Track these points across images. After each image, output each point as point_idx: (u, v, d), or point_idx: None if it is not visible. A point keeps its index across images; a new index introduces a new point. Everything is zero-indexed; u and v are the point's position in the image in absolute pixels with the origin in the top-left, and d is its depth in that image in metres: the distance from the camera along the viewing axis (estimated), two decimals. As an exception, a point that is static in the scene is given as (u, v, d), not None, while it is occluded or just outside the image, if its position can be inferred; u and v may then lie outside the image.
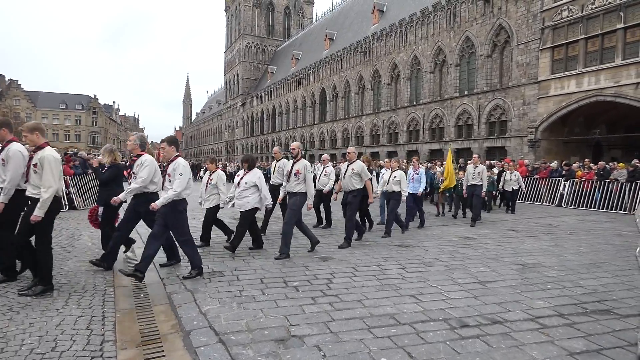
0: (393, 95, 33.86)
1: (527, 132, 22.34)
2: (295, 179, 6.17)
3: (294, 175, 6.16)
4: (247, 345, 3.12)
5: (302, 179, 6.13)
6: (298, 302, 4.10)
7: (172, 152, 4.97)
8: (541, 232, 9.06)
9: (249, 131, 66.70)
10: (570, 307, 4.12)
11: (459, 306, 4.09)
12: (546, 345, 3.24)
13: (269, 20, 71.30)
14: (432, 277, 5.17)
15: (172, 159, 4.93)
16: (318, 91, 45.09)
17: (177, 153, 5.00)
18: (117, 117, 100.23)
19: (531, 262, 6.08)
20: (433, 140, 29.45)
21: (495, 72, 25.14)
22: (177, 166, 4.83)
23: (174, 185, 4.73)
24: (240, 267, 5.47)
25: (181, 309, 3.88)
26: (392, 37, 33.20)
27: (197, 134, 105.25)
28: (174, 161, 4.90)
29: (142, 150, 5.32)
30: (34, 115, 75.73)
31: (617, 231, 9.40)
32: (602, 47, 19.14)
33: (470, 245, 7.41)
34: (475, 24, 25.79)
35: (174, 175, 4.80)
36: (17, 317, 3.58)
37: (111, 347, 3.08)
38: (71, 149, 56.65)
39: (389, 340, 3.27)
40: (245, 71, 70.06)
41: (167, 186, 4.86)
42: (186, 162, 5.02)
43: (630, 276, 5.37)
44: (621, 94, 18.23)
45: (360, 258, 6.14)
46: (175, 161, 4.89)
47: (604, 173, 14.08)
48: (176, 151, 5.01)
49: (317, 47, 50.54)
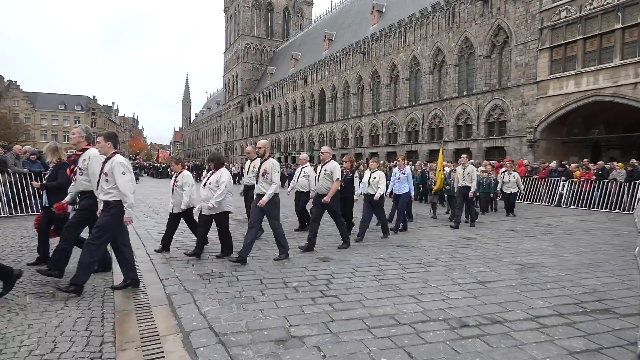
0: (392, 96, 33.89)
1: (526, 132, 22.38)
2: (263, 180, 5.84)
3: (262, 176, 5.84)
4: (247, 345, 3.12)
5: (270, 179, 5.82)
6: (298, 303, 4.10)
7: (109, 148, 4.48)
8: (540, 232, 9.07)
9: (249, 132, 66.72)
10: (570, 307, 4.12)
11: (459, 306, 4.09)
12: (546, 344, 3.24)
13: (268, 20, 71.37)
14: (432, 277, 5.17)
15: (109, 156, 4.44)
16: (317, 92, 45.13)
17: (114, 150, 4.52)
18: (116, 118, 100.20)
19: (531, 262, 6.09)
20: (432, 140, 29.47)
21: (494, 72, 25.19)
22: (114, 165, 4.34)
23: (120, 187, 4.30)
24: (240, 267, 5.46)
25: (181, 309, 3.87)
26: (391, 37, 33.24)
27: (197, 134, 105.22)
28: (111, 159, 4.40)
29: (88, 143, 4.83)
30: (33, 117, 75.76)
31: (616, 231, 9.41)
32: (600, 47, 19.19)
33: (470, 245, 7.42)
34: (474, 24, 25.84)
35: (113, 175, 4.32)
36: (15, 318, 3.57)
37: (110, 348, 3.07)
38: (70, 150, 56.33)
39: (388, 340, 3.26)
40: (245, 72, 70.11)
41: (105, 187, 4.37)
42: (125, 159, 4.55)
43: (630, 275, 5.38)
44: (620, 94, 18.27)
45: (359, 258, 6.13)
46: (112, 159, 4.40)
47: (602, 173, 14.10)
48: (114, 147, 4.52)
49: (316, 47, 50.58)
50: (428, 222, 10.35)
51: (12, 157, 10.43)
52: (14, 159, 10.40)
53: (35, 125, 75.67)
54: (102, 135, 4.52)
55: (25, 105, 75.42)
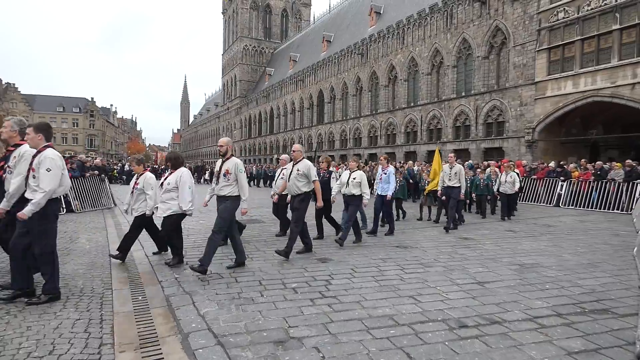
0: (390, 97, 33.94)
1: (525, 132, 22.42)
2: (224, 180, 5.26)
3: (223, 176, 5.27)
4: (246, 347, 3.12)
5: (233, 180, 5.25)
6: (297, 304, 4.10)
7: (39, 141, 4.03)
8: (539, 233, 9.08)
9: (247, 133, 66.73)
10: (568, 307, 4.13)
11: (458, 307, 4.09)
12: (545, 345, 3.24)
13: (267, 22, 71.44)
14: (431, 277, 5.17)
15: (40, 149, 3.99)
16: (316, 93, 45.17)
17: (46, 143, 4.07)
18: (114, 120, 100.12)
19: (529, 263, 6.09)
20: (431, 141, 29.51)
21: (492, 73, 25.24)
22: (43, 159, 3.91)
23: (41, 184, 3.86)
24: (239, 269, 5.46)
25: (179, 311, 3.87)
26: (389, 38, 33.30)
27: (195, 136, 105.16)
28: (41, 153, 3.97)
29: (21, 139, 4.26)
30: (31, 119, 75.59)
31: (615, 231, 9.43)
32: (598, 48, 19.26)
33: (469, 245, 7.42)
34: (472, 25, 25.90)
35: (39, 170, 3.89)
36: (14, 320, 3.56)
37: (109, 350, 3.07)
38: (68, 152, 56.18)
39: (387, 341, 3.26)
40: (243, 73, 70.14)
41: (32, 184, 3.94)
42: (57, 154, 4.10)
43: (628, 276, 5.38)
44: (617, 94, 18.33)
45: (358, 259, 6.13)
46: (42, 153, 3.97)
47: (601, 173, 14.13)
48: (45, 141, 4.07)
49: (314, 49, 50.65)
50: (426, 223, 10.35)
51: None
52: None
53: (33, 127, 75.50)
54: (32, 126, 4.08)
55: (23, 107, 75.33)
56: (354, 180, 7.08)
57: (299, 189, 6.20)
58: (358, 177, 7.08)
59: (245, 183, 5.35)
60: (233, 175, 5.26)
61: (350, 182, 7.10)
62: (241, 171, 5.33)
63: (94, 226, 9.13)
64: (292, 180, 6.24)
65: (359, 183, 7.05)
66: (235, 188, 5.30)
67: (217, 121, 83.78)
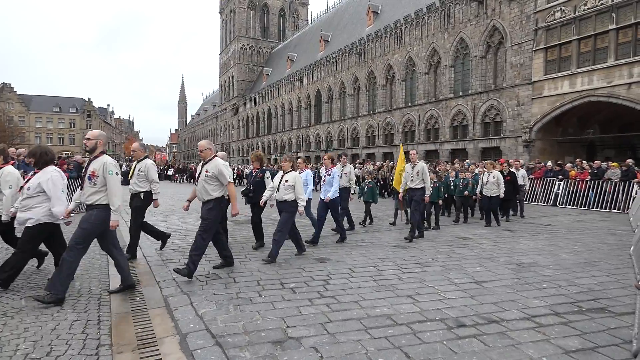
0: (388, 97, 33.96)
1: (522, 132, 22.48)
2: (89, 185, 4.26)
3: (88, 180, 4.27)
4: (244, 347, 3.12)
5: (101, 184, 4.24)
6: (295, 304, 4.10)
7: None
8: (536, 232, 9.11)
9: (245, 133, 66.64)
10: (565, 306, 4.14)
11: (456, 306, 4.10)
12: (542, 343, 3.25)
13: (264, 22, 71.34)
14: (429, 277, 5.19)
15: None
16: (313, 93, 45.15)
17: None
18: (111, 120, 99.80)
19: (527, 262, 6.11)
20: (429, 141, 29.55)
21: (489, 73, 25.29)
22: None
23: None
24: (237, 269, 5.45)
25: (177, 312, 3.86)
26: (387, 38, 33.32)
27: (193, 136, 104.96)
28: None
29: None
30: (27, 119, 75.34)
31: (611, 230, 9.47)
32: (594, 47, 19.32)
33: (466, 245, 7.44)
34: (469, 25, 25.94)
35: None
36: (11, 322, 3.55)
37: (107, 351, 3.06)
38: (65, 152, 55.92)
39: (386, 340, 3.27)
40: (240, 73, 70.02)
41: None
42: None
43: (625, 274, 5.41)
44: (614, 94, 18.40)
45: (356, 259, 6.14)
46: None
47: (598, 172, 14.18)
48: None
49: (312, 48, 50.61)
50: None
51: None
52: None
53: (29, 128, 75.26)
54: None
55: (19, 107, 74.99)
56: (285, 183, 6.01)
57: (208, 194, 5.07)
58: (291, 179, 6.01)
59: (116, 189, 4.26)
60: (101, 179, 4.23)
61: (282, 185, 6.02)
62: (111, 173, 4.25)
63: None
64: (201, 184, 5.11)
65: (292, 187, 5.98)
66: (104, 195, 4.26)
67: (215, 121, 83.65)
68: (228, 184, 5.13)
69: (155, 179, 6.10)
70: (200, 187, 5.13)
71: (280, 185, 6.04)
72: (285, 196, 6.00)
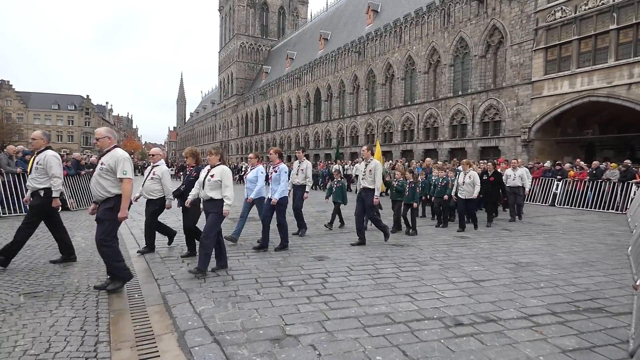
0: (387, 95, 33.96)
1: (521, 132, 22.51)
2: None
3: None
4: (242, 344, 3.12)
5: None
6: (293, 302, 4.10)
7: None
8: (534, 232, 9.12)
9: (244, 131, 66.58)
10: (563, 306, 4.16)
11: (454, 305, 4.11)
12: (539, 343, 3.27)
13: (263, 20, 71.22)
14: (427, 276, 5.20)
15: None
16: (313, 91, 45.12)
17: None
18: (110, 118, 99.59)
19: (525, 261, 6.13)
20: (427, 140, 29.56)
21: (489, 72, 25.30)
22: None
23: None
24: (235, 267, 5.46)
25: (176, 309, 3.87)
26: (387, 37, 33.30)
27: (192, 134, 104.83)
28: None
29: None
30: (25, 116, 75.18)
31: (609, 230, 9.49)
32: (595, 47, 19.33)
33: (465, 244, 7.45)
34: (469, 24, 25.94)
35: None
36: (10, 318, 3.55)
37: (105, 348, 3.06)
38: (64, 149, 55.79)
39: (383, 339, 3.28)
40: (240, 71, 69.94)
41: None
42: None
43: (622, 275, 5.43)
44: (614, 94, 18.42)
45: (355, 257, 6.15)
46: None
47: (596, 173, 14.21)
48: None
49: (311, 47, 50.56)
50: (422, 221, 10.34)
51: (5, 157, 10.36)
52: (7, 159, 10.33)
53: (28, 125, 75.01)
54: None
55: (18, 105, 74.80)
56: (211, 178, 5.09)
57: (105, 190, 4.40)
58: (218, 174, 5.08)
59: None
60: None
61: (207, 181, 5.11)
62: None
63: (90, 224, 9.07)
64: (95, 179, 4.47)
65: (218, 183, 5.06)
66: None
67: (214, 119, 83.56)
68: (123, 181, 4.39)
69: (56, 173, 5.21)
70: (94, 182, 4.44)
71: (205, 181, 5.13)
72: (210, 193, 5.08)
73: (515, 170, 11.32)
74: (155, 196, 6.20)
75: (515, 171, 11.28)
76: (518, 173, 11.24)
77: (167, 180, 6.23)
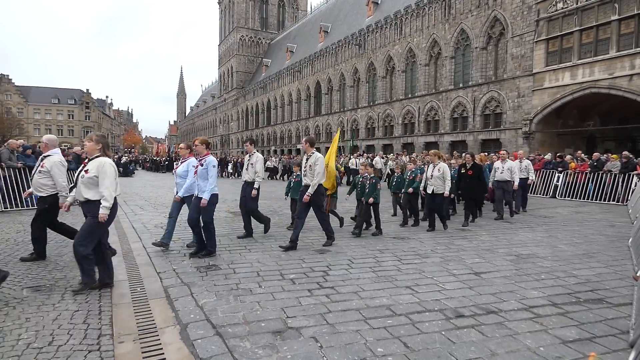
0: (388, 88, 33.83)
1: (522, 124, 22.44)
2: None
3: None
4: (244, 337, 3.14)
5: None
6: (295, 295, 4.12)
7: None
8: (535, 224, 9.13)
9: (244, 125, 66.48)
10: (563, 297, 4.17)
11: (454, 297, 4.12)
12: (540, 334, 3.28)
13: (263, 12, 70.75)
14: (428, 268, 5.21)
15: None
16: (313, 84, 44.96)
17: None
18: (110, 112, 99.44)
19: (525, 253, 6.14)
20: (428, 132, 29.50)
21: (490, 64, 25.17)
22: None
23: None
24: (237, 260, 5.48)
25: (178, 302, 3.89)
26: (387, 29, 33.09)
27: (192, 128, 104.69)
28: None
29: None
30: (25, 111, 75.06)
31: (610, 222, 9.49)
32: (596, 38, 19.21)
33: (465, 236, 7.46)
34: (470, 15, 25.75)
35: None
36: (13, 312, 3.57)
37: (108, 341, 3.08)
38: (64, 144, 55.71)
39: (385, 331, 3.29)
40: (240, 64, 69.64)
41: None
42: None
43: (623, 266, 5.44)
44: (615, 85, 18.33)
45: (356, 250, 6.16)
46: None
47: (597, 164, 14.19)
48: None
49: (311, 39, 50.28)
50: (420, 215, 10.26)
51: (6, 151, 10.36)
52: (9, 154, 10.34)
53: (28, 119, 75.01)
54: None
55: (17, 99, 74.63)
56: (85, 174, 4.19)
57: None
58: (93, 168, 4.18)
59: None
60: None
61: (80, 178, 4.23)
62: None
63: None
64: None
65: (94, 180, 4.16)
66: None
67: (214, 113, 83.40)
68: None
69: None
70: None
71: (79, 178, 4.23)
72: (86, 194, 4.18)
73: (504, 162, 9.95)
74: (45, 193, 5.22)
75: (504, 164, 9.92)
76: (507, 166, 9.87)
77: (57, 173, 5.19)
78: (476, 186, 9.06)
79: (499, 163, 10.08)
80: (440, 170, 7.90)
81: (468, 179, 8.97)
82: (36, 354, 2.85)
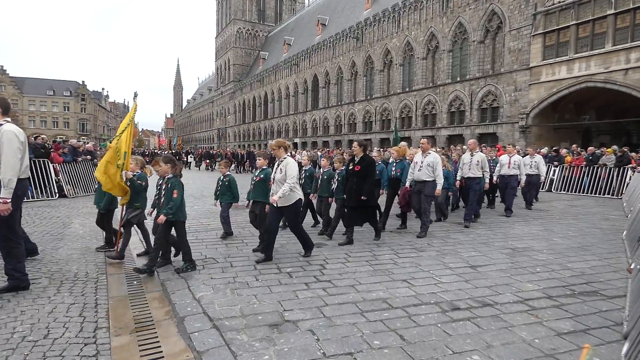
0: (385, 82, 33.73)
1: (519, 118, 22.46)
2: None
3: None
4: (241, 330, 3.15)
5: None
6: (292, 288, 4.13)
7: None
8: (531, 217, 9.17)
9: (241, 118, 66.21)
10: (558, 289, 4.20)
11: (451, 290, 4.14)
12: (535, 326, 3.31)
13: (260, 5, 70.19)
14: (424, 262, 5.23)
15: None
16: (310, 78, 44.75)
17: None
18: (106, 104, 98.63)
19: (521, 246, 6.17)
20: (426, 126, 29.47)
21: (487, 58, 25.12)
22: None
23: None
24: (234, 253, 5.48)
25: (175, 295, 3.88)
26: (385, 22, 32.92)
27: (189, 121, 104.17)
28: None
29: None
30: (20, 102, 74.36)
31: (605, 215, 9.55)
32: (592, 33, 19.20)
33: (462, 230, 7.49)
34: (468, 9, 25.65)
35: None
36: (7, 305, 3.56)
37: (104, 334, 3.08)
38: (60, 136, 55.33)
39: (381, 323, 3.31)
40: (237, 57, 69.19)
41: None
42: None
43: (617, 258, 5.48)
44: (611, 79, 18.36)
45: (352, 244, 6.16)
46: None
47: (592, 158, 14.27)
48: None
49: (309, 32, 49.98)
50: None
51: None
52: None
53: (23, 111, 74.28)
54: None
55: (12, 90, 73.84)
56: None
57: None
58: None
59: None
60: None
61: None
62: None
63: (87, 211, 9.07)
64: None
65: None
66: None
67: (211, 106, 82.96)
68: None
69: None
70: None
71: None
72: None
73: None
74: None
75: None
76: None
77: None
78: (361, 186, 6.07)
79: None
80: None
81: (355, 179, 6.14)
82: (31, 347, 2.84)
